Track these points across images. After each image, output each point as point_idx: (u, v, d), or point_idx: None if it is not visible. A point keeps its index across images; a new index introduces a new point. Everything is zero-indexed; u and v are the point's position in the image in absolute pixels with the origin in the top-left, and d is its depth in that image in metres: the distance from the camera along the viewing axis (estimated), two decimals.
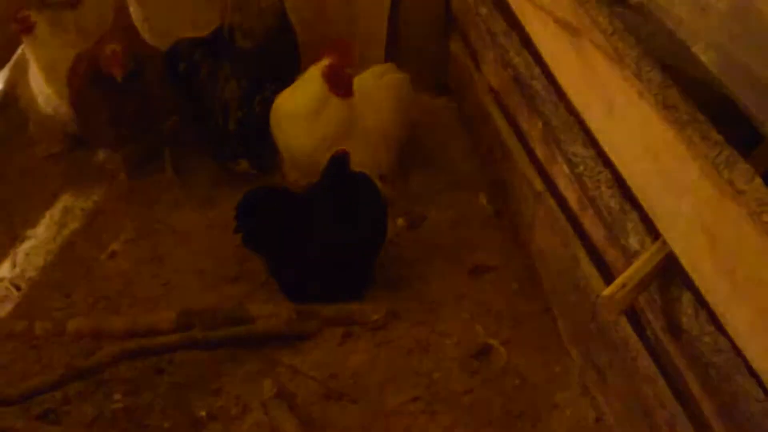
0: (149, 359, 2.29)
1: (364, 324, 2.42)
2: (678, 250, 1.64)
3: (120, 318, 2.42)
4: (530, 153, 2.51)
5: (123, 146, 2.83)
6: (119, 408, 2.20)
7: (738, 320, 1.47)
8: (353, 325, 2.42)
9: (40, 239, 2.71)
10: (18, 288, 2.53)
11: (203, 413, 2.18)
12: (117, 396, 2.22)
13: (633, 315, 1.92)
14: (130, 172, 2.88)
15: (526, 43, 2.45)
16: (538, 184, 2.45)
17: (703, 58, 1.50)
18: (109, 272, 2.61)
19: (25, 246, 2.69)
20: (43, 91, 2.87)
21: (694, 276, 1.58)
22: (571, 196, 2.20)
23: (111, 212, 2.81)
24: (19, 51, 3.08)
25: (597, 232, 2.06)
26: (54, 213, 2.80)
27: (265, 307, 2.42)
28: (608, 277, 2.02)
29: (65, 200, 2.85)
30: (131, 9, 3.01)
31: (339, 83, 2.59)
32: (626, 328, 1.92)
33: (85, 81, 2.68)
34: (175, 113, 2.83)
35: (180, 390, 2.24)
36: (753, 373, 1.48)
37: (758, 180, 1.42)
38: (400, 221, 2.77)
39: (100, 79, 2.61)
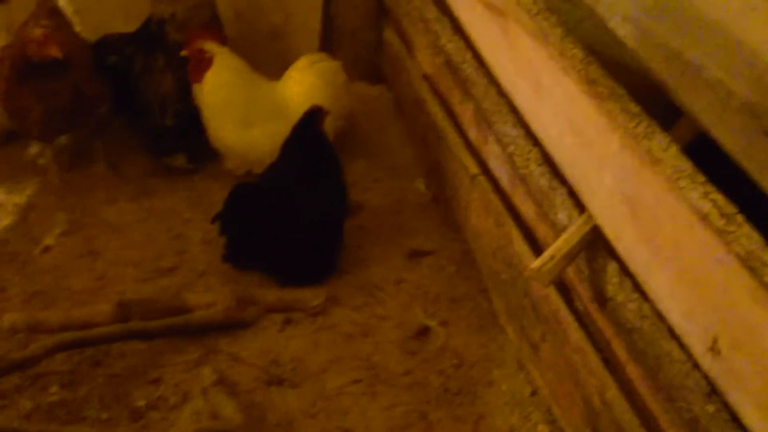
0: (86, 351, 2.26)
1: (303, 310, 2.42)
2: (602, 221, 1.69)
3: (55, 312, 2.38)
4: (464, 136, 2.55)
5: (55, 138, 2.77)
6: (56, 401, 2.16)
7: (659, 285, 1.52)
8: (293, 312, 2.42)
9: None
10: None
11: (142, 403, 2.16)
12: (54, 389, 2.19)
13: (563, 288, 1.96)
14: (63, 165, 2.83)
15: (458, 28, 2.49)
16: (473, 167, 2.49)
17: (620, 32, 1.55)
18: (44, 267, 2.56)
19: None
20: None
21: (617, 245, 1.64)
22: (503, 176, 2.25)
23: (44, 207, 2.76)
24: None
25: (528, 210, 2.11)
26: None
27: (204, 297, 2.41)
28: (539, 253, 2.06)
29: None
30: (60, 2, 2.96)
31: (194, 68, 2.67)
32: (557, 301, 1.97)
33: (14, 73, 2.62)
34: (105, 104, 2.79)
35: (118, 381, 2.22)
36: (675, 337, 1.54)
37: (675, 148, 1.48)
38: None
39: (29, 71, 2.56)
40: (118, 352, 2.29)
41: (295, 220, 2.46)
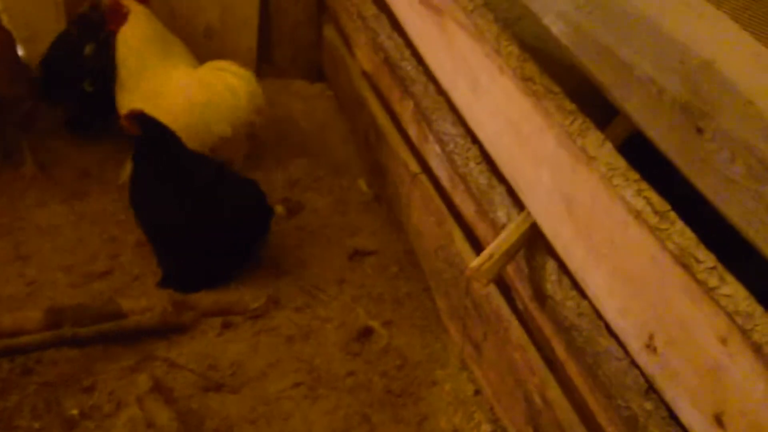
0: (16, 359, 2.19)
1: (243, 313, 2.38)
2: (540, 218, 1.68)
3: None
4: (404, 135, 2.53)
5: None
6: None
7: (595, 283, 1.52)
8: (232, 315, 2.38)
9: None
10: None
11: (75, 412, 2.10)
12: None
13: (503, 286, 1.96)
14: None
15: (397, 25, 2.46)
16: (414, 166, 2.47)
17: (554, 29, 1.54)
18: None
19: None
20: None
21: (555, 243, 1.63)
22: (443, 175, 2.23)
23: None
24: None
25: (468, 208, 2.09)
26: None
27: (139, 301, 2.34)
28: (480, 252, 2.05)
29: None
30: None
31: (111, 20, 2.68)
32: (498, 299, 1.96)
33: None
34: (28, 101, 2.69)
35: (50, 389, 2.15)
36: (612, 334, 1.54)
37: (608, 145, 1.48)
38: (279, 208, 2.74)
39: None
40: (50, 360, 2.22)
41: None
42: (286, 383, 2.21)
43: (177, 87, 2.68)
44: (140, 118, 2.36)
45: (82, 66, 2.77)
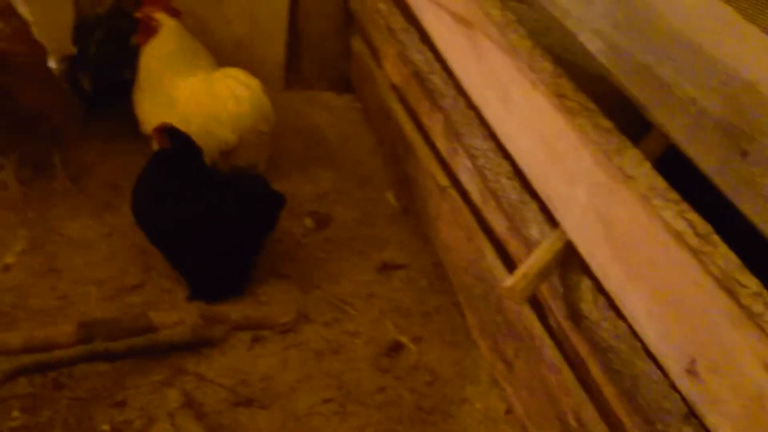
0: (48, 374, 2.19)
1: (272, 327, 2.37)
2: (575, 237, 1.66)
3: (15, 333, 2.29)
4: (433, 148, 2.51)
5: (9, 151, 2.68)
6: (18, 426, 2.09)
7: (634, 305, 1.50)
8: (262, 329, 2.37)
9: None
10: None
11: (107, 427, 2.09)
12: (15, 413, 2.12)
13: (536, 304, 1.93)
14: (23, 179, 2.75)
15: (426, 38, 2.45)
16: (443, 179, 2.45)
17: (590, 47, 1.52)
18: (4, 286, 2.48)
19: None
20: None
21: (591, 263, 1.61)
22: (474, 189, 2.21)
23: (4, 223, 2.67)
24: None
25: (499, 224, 2.08)
26: None
27: (170, 315, 2.34)
28: (512, 268, 2.03)
29: None
30: (20, 9, 2.88)
31: (142, 32, 2.73)
32: (530, 317, 1.94)
33: None
34: (57, 114, 2.71)
35: (81, 404, 2.15)
36: (651, 356, 1.51)
37: (647, 165, 1.46)
38: (308, 221, 2.74)
39: None
40: (82, 374, 2.22)
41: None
42: (315, 399, 2.20)
43: (188, 94, 2.70)
44: (170, 131, 2.37)
45: (128, 56, 2.81)
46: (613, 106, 1.61)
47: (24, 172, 2.76)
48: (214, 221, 2.39)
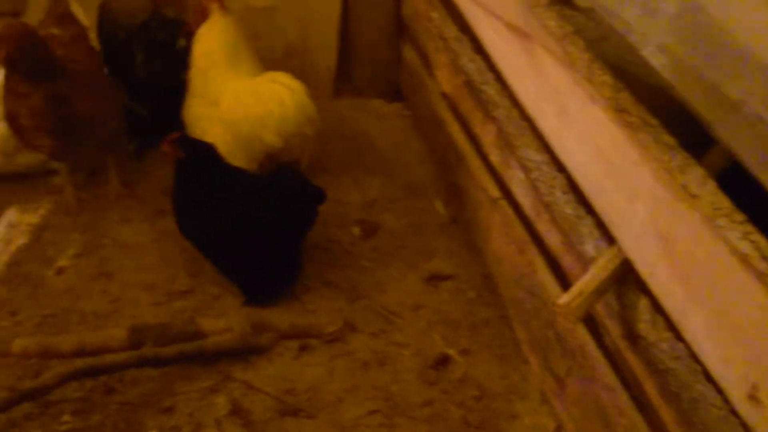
0: (99, 378, 2.22)
1: (319, 336, 2.37)
2: (633, 255, 1.62)
3: (68, 337, 2.33)
4: (484, 159, 2.49)
5: (65, 156, 2.71)
6: (68, 429, 2.12)
7: (694, 326, 1.46)
8: (309, 338, 2.37)
9: None
10: None
11: None
12: (66, 417, 2.14)
13: (590, 321, 1.90)
14: (77, 184, 2.79)
15: (479, 47, 2.43)
16: (493, 190, 2.43)
17: (653, 61, 1.48)
18: (57, 289, 2.52)
19: None
20: None
21: (650, 282, 1.57)
22: (526, 202, 2.18)
23: (58, 227, 2.72)
24: None
25: (553, 238, 2.04)
26: None
27: (218, 322, 2.36)
28: (565, 283, 2.00)
29: (10, 215, 2.76)
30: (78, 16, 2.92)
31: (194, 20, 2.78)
32: (584, 335, 1.91)
33: (21, 86, 2.53)
34: (114, 119, 2.73)
35: (131, 409, 2.17)
36: (711, 380, 1.47)
37: (712, 183, 1.42)
38: (355, 230, 2.73)
39: (38, 77, 2.49)
40: (131, 379, 2.24)
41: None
42: (362, 410, 2.19)
43: (233, 97, 2.71)
44: (181, 140, 2.39)
45: (176, 62, 2.82)
46: (671, 118, 1.57)
47: (78, 177, 2.80)
48: (251, 222, 2.40)
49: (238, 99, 2.71)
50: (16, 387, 2.08)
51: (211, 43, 2.72)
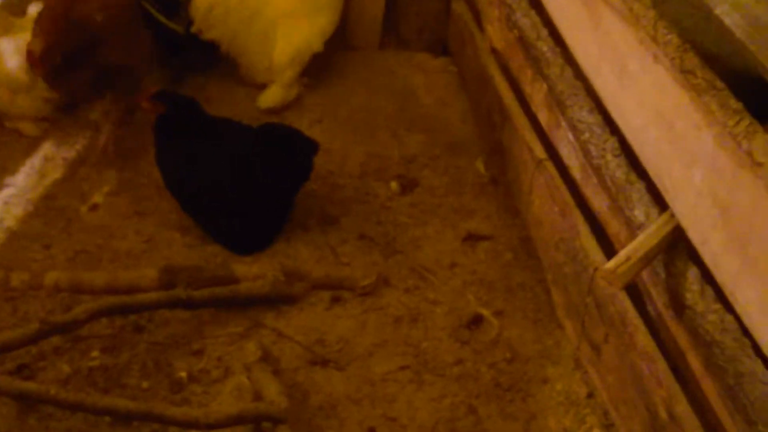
0: (129, 317, 2.21)
1: (352, 289, 2.34)
2: (687, 222, 1.56)
3: (100, 273, 2.32)
4: (532, 118, 2.42)
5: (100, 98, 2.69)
6: (96, 366, 2.12)
7: (748, 299, 1.40)
8: (342, 290, 2.34)
9: (19, 188, 2.60)
10: None
11: (183, 374, 2.10)
12: (94, 353, 2.14)
13: (632, 289, 1.84)
14: (115, 121, 2.76)
15: (535, 1, 2.35)
16: (539, 151, 2.36)
17: (727, 20, 1.41)
18: (90, 225, 2.51)
19: (4, 194, 2.57)
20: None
21: (703, 250, 1.51)
22: (574, 164, 2.12)
23: (93, 164, 2.70)
24: None
25: (599, 203, 1.98)
26: (35, 161, 2.69)
27: (251, 268, 2.33)
28: (609, 249, 1.95)
29: (46, 149, 2.74)
30: None
31: None
32: (625, 302, 1.85)
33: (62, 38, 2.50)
34: (150, 63, 2.69)
35: (160, 350, 2.16)
36: (760, 354, 1.42)
37: None
38: (393, 185, 2.69)
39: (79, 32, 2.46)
40: (162, 320, 2.23)
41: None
42: (392, 365, 2.17)
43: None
44: (161, 94, 2.37)
45: None
46: (737, 87, 1.49)
47: (118, 114, 2.77)
48: (249, 167, 2.36)
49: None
50: (47, 319, 2.07)
51: None
